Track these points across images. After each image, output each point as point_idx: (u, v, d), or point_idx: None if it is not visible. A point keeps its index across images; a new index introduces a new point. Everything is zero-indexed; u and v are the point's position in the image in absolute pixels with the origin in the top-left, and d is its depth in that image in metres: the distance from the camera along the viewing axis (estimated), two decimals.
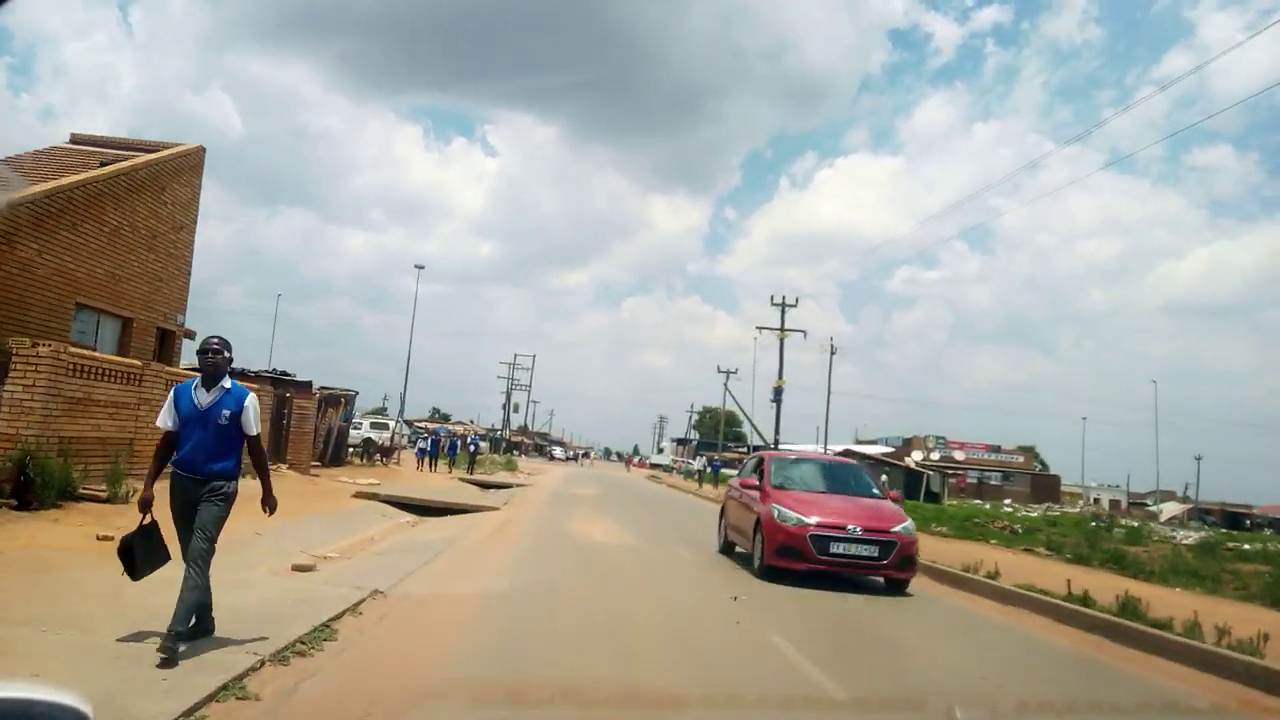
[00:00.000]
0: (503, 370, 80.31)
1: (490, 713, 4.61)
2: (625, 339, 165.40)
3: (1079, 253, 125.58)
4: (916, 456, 70.89)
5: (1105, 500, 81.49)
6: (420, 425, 63.17)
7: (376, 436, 36.21)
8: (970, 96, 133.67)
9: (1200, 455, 76.62)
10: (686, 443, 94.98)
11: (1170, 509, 68.10)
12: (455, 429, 68.81)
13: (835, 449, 62.27)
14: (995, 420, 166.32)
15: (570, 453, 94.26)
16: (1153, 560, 15.29)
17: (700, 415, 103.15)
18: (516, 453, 75.23)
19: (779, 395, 41.08)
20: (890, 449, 75.47)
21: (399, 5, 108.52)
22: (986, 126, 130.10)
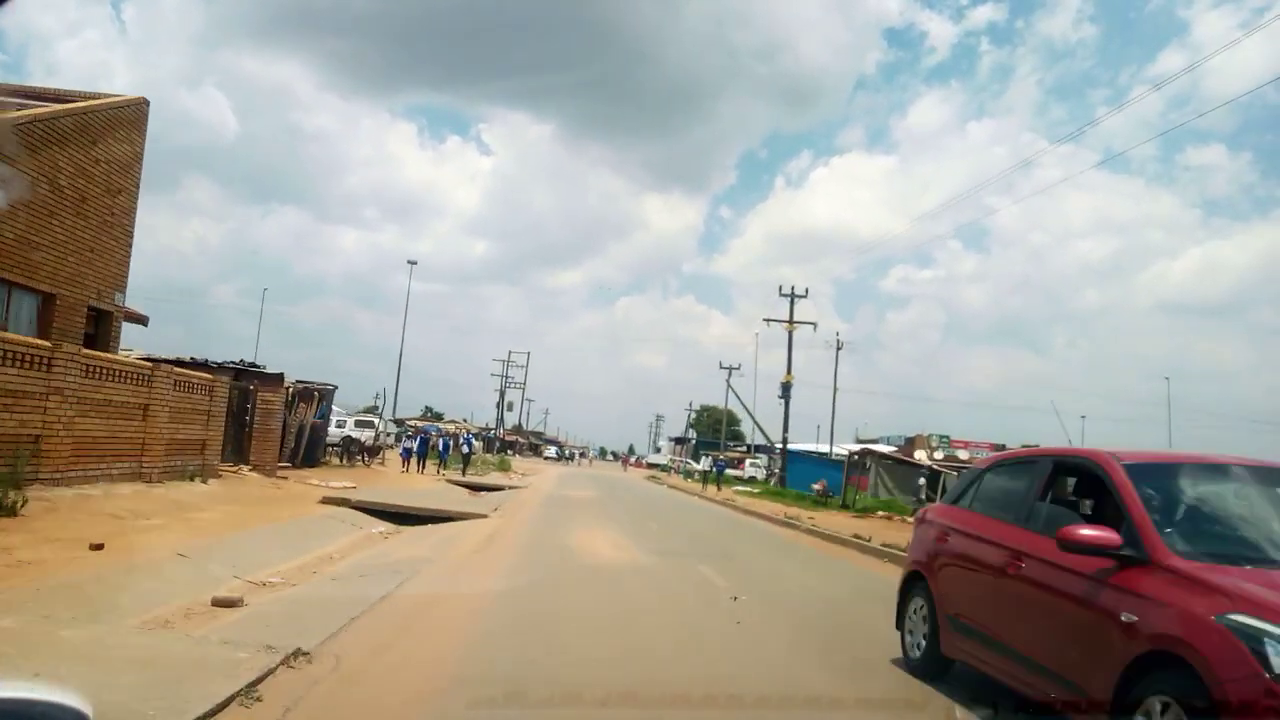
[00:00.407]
0: (497, 369, 77.92)
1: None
2: (620, 338, 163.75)
3: (1074, 251, 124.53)
4: (920, 456, 68.81)
5: None
6: (412, 424, 60.80)
7: (362, 435, 34.01)
8: (965, 95, 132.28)
9: None
10: (685, 442, 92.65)
11: None
12: (447, 428, 66.54)
13: (842, 448, 60.08)
14: (991, 418, 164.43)
15: (566, 452, 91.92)
16: None
17: (698, 414, 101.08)
18: (510, 452, 72.90)
19: (788, 391, 38.93)
20: (893, 448, 73.37)
21: (393, 3, 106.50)
22: (981, 125, 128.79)
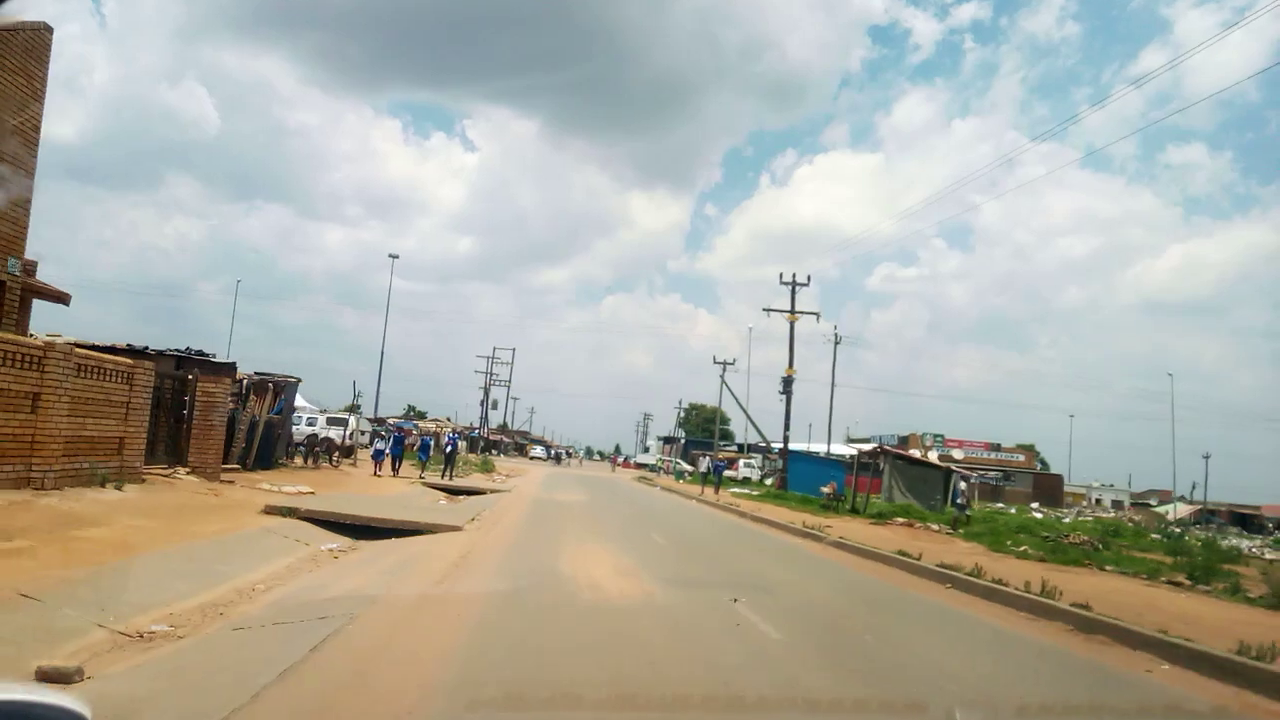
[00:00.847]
0: (481, 366, 75.19)
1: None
2: (606, 337, 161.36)
3: (1058, 249, 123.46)
4: (914, 455, 66.90)
5: (1107, 500, 78.30)
6: (393, 422, 58.00)
7: (335, 434, 31.43)
8: (949, 93, 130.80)
9: (1208, 454, 72.84)
10: (674, 441, 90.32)
11: (1175, 510, 64.89)
12: (428, 426, 63.76)
13: (839, 448, 57.93)
14: (979, 416, 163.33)
15: (553, 452, 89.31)
16: None
17: (686, 412, 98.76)
18: (495, 452, 70.27)
19: (789, 386, 36.63)
20: (887, 447, 71.51)
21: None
22: (965, 123, 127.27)
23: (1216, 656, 6.69)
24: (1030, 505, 49.31)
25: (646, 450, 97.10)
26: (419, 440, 35.84)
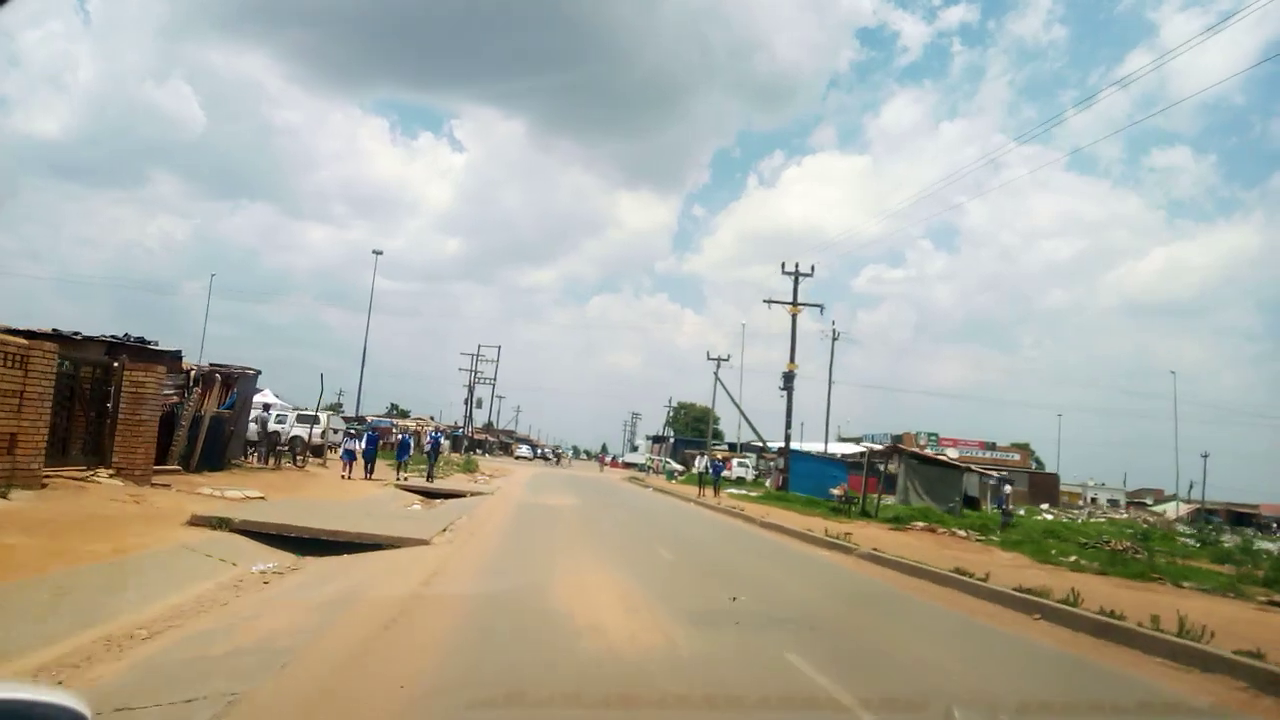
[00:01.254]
0: (466, 364, 72.67)
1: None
2: (593, 337, 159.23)
3: (1043, 250, 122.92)
4: (929, 455, 65.25)
5: (1102, 499, 76.94)
6: (372, 419, 55.53)
7: (303, 432, 29.14)
8: (937, 95, 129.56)
9: (1207, 453, 71.34)
10: (663, 440, 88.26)
11: (1174, 509, 63.59)
12: (410, 425, 61.24)
13: (836, 447, 55.99)
14: (968, 414, 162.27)
15: (540, 451, 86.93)
16: None
17: (675, 411, 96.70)
18: (480, 451, 67.85)
19: (790, 381, 34.52)
20: (879, 447, 69.87)
21: None
22: (953, 125, 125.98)
23: None
24: (1040, 506, 47.41)
25: (635, 449, 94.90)
26: (400, 438, 33.49)
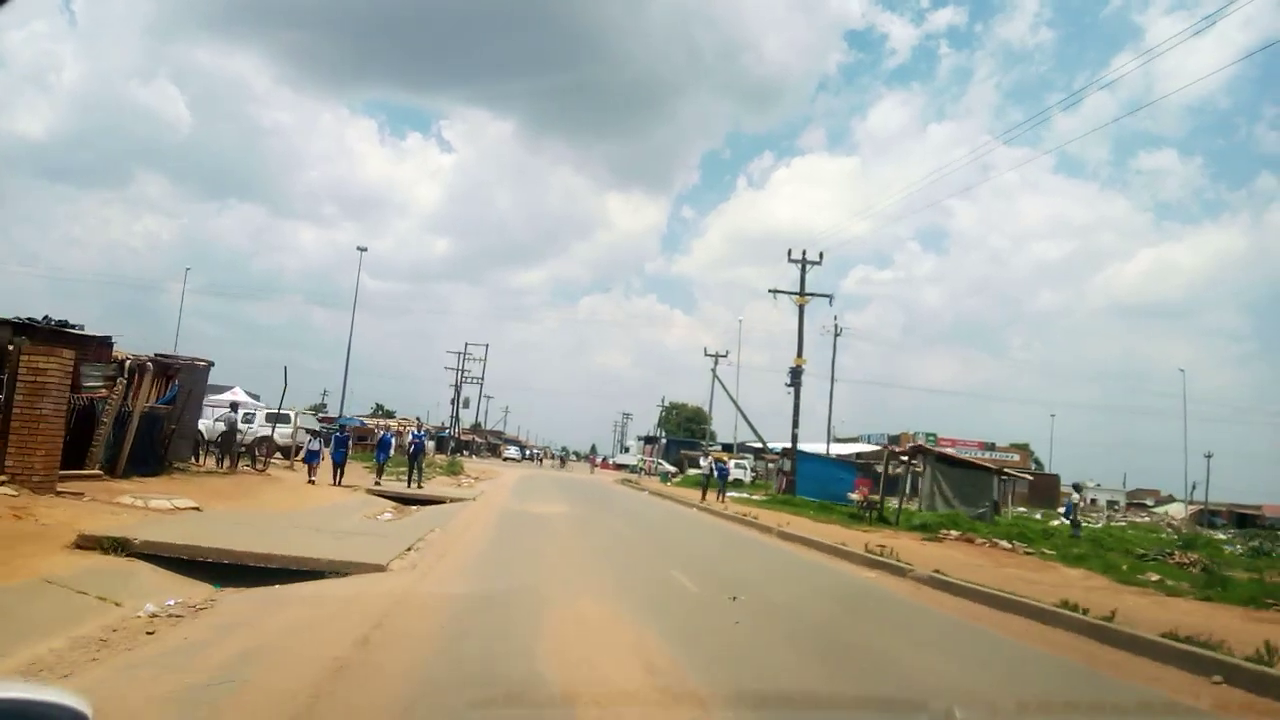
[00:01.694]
0: (453, 363, 70.07)
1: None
2: (583, 337, 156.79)
3: (1031, 252, 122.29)
4: (956, 455, 63.33)
5: (1102, 501, 75.21)
6: (342, 419, 52.81)
7: (266, 431, 26.65)
8: (925, 98, 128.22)
9: (1210, 453, 69.33)
10: (655, 441, 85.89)
11: (1175, 510, 62.00)
12: (393, 425, 58.73)
13: (837, 448, 53.83)
14: (960, 414, 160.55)
15: (529, 452, 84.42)
16: None
17: (666, 411, 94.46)
18: (466, 453, 65.32)
19: (798, 377, 32.18)
20: (876, 447, 67.85)
21: None
22: (941, 127, 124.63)
23: None
24: (1059, 510, 45.15)
25: (625, 450, 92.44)
26: (381, 438, 30.89)
